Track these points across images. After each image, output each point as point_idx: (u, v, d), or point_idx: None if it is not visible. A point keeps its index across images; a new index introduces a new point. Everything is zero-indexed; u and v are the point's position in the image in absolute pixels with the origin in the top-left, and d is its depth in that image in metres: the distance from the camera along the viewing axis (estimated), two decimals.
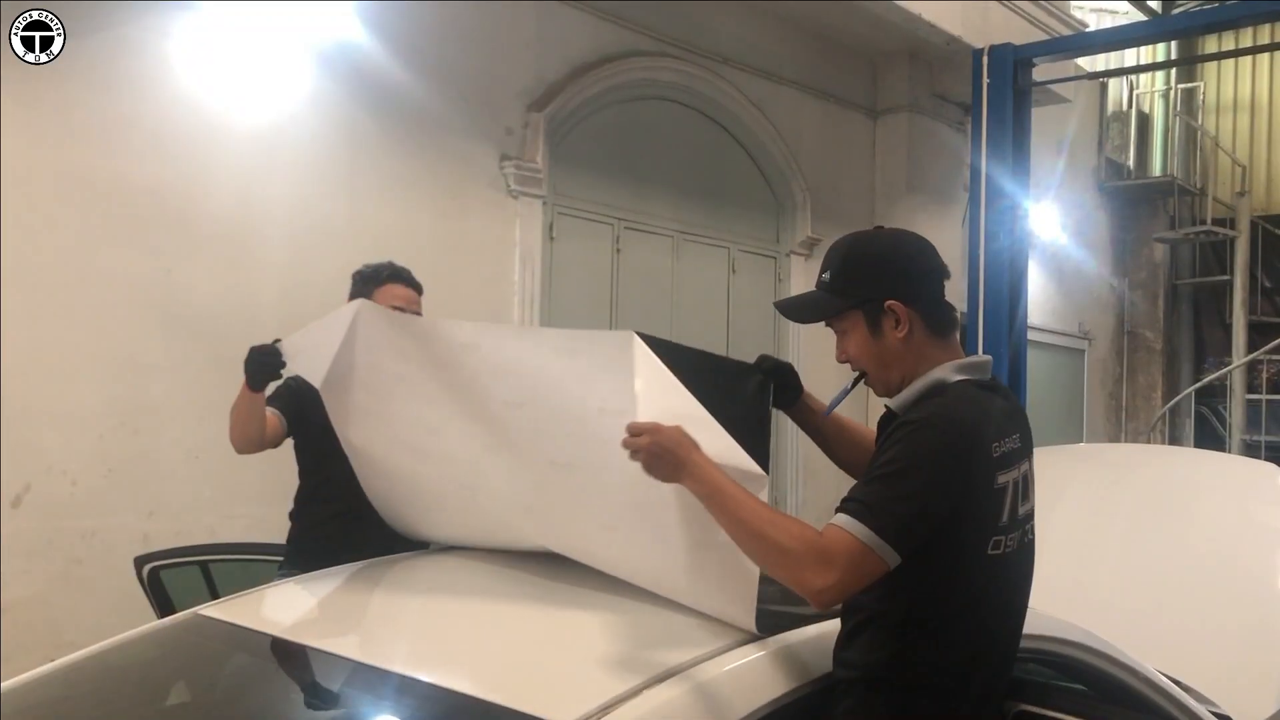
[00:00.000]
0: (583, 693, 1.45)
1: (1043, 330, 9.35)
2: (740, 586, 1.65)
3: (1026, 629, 1.75)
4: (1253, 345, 10.96)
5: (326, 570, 2.24)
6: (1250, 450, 10.39)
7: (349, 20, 4.56)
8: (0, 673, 1.96)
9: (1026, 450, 1.70)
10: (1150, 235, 11.42)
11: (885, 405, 1.74)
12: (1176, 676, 2.29)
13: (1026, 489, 1.69)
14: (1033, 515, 1.72)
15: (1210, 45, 11.06)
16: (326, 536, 2.84)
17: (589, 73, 5.60)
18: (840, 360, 1.80)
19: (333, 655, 1.77)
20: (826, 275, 1.77)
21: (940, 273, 1.76)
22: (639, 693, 1.45)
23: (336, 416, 2.43)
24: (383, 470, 2.42)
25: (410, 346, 2.18)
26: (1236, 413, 11.11)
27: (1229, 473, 3.66)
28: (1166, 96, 11.73)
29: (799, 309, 1.87)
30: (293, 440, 2.95)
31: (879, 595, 1.59)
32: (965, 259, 5.40)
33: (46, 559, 3.78)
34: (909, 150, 7.45)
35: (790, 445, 6.56)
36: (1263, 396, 11.25)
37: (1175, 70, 11.73)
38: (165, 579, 3.07)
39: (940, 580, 1.59)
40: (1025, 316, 5.57)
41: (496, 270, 5.21)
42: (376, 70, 4.68)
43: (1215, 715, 2.28)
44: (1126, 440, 11.03)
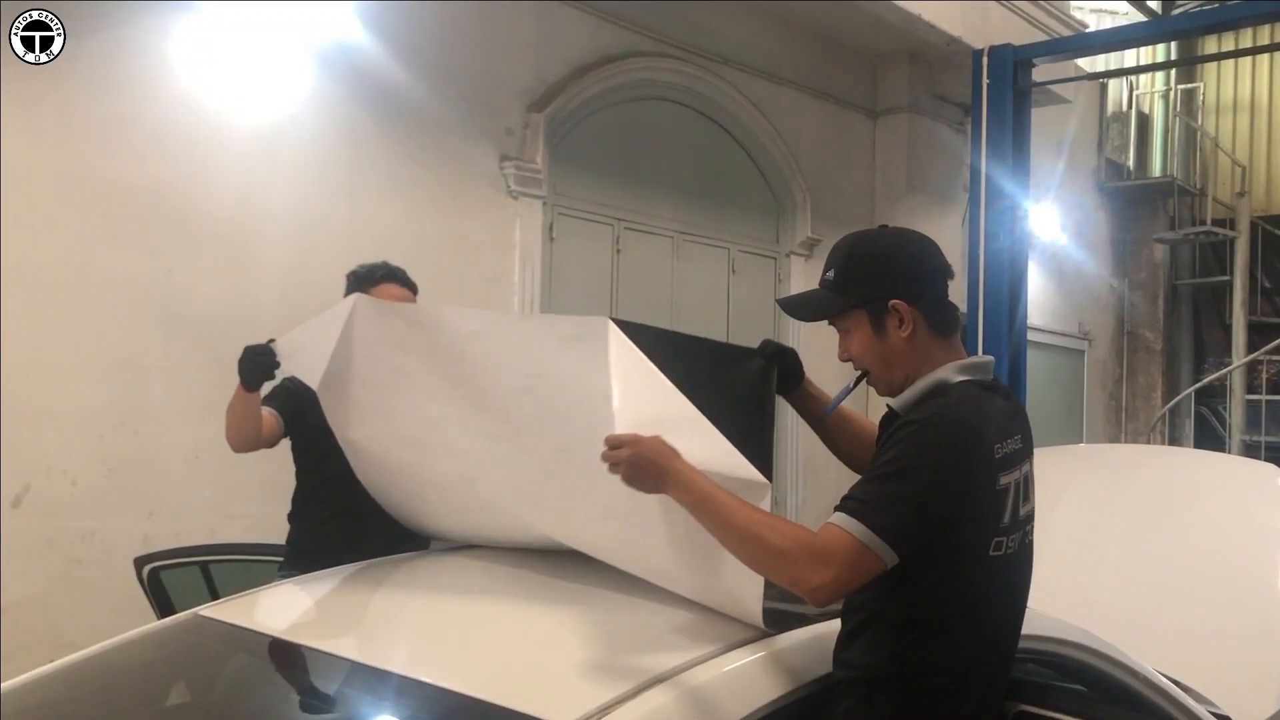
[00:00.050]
0: (582, 693, 1.45)
1: (1043, 331, 9.35)
2: (747, 582, 1.64)
3: (1026, 629, 1.75)
4: (1252, 346, 10.96)
5: (326, 571, 2.24)
6: (1250, 451, 10.39)
7: (349, 20, 4.56)
8: (0, 673, 1.96)
9: (1027, 451, 1.70)
10: (1150, 236, 11.43)
11: (887, 405, 1.73)
12: (1176, 677, 2.29)
13: (1027, 490, 1.69)
14: (1033, 516, 1.72)
15: (1210, 46, 11.06)
16: (326, 537, 2.84)
17: (589, 73, 5.61)
18: (842, 359, 1.79)
19: (332, 656, 1.77)
20: (831, 274, 1.76)
21: (944, 272, 1.76)
22: (639, 693, 1.45)
23: (335, 415, 2.41)
24: (384, 466, 2.41)
25: (408, 337, 2.16)
26: (1236, 413, 11.11)
27: (1229, 473, 3.66)
28: (1166, 97, 11.73)
29: (803, 307, 1.86)
30: (290, 441, 2.95)
31: (879, 595, 1.59)
32: (965, 259, 5.39)
33: (46, 559, 3.78)
34: (909, 151, 7.45)
35: (790, 445, 6.56)
36: (1262, 397, 11.25)
37: (1175, 71, 11.73)
38: (165, 579, 3.07)
39: (941, 581, 1.58)
40: (1025, 317, 5.56)
41: (496, 270, 5.21)
42: (376, 70, 4.68)
43: (1215, 715, 2.28)
44: (1126, 441, 11.03)
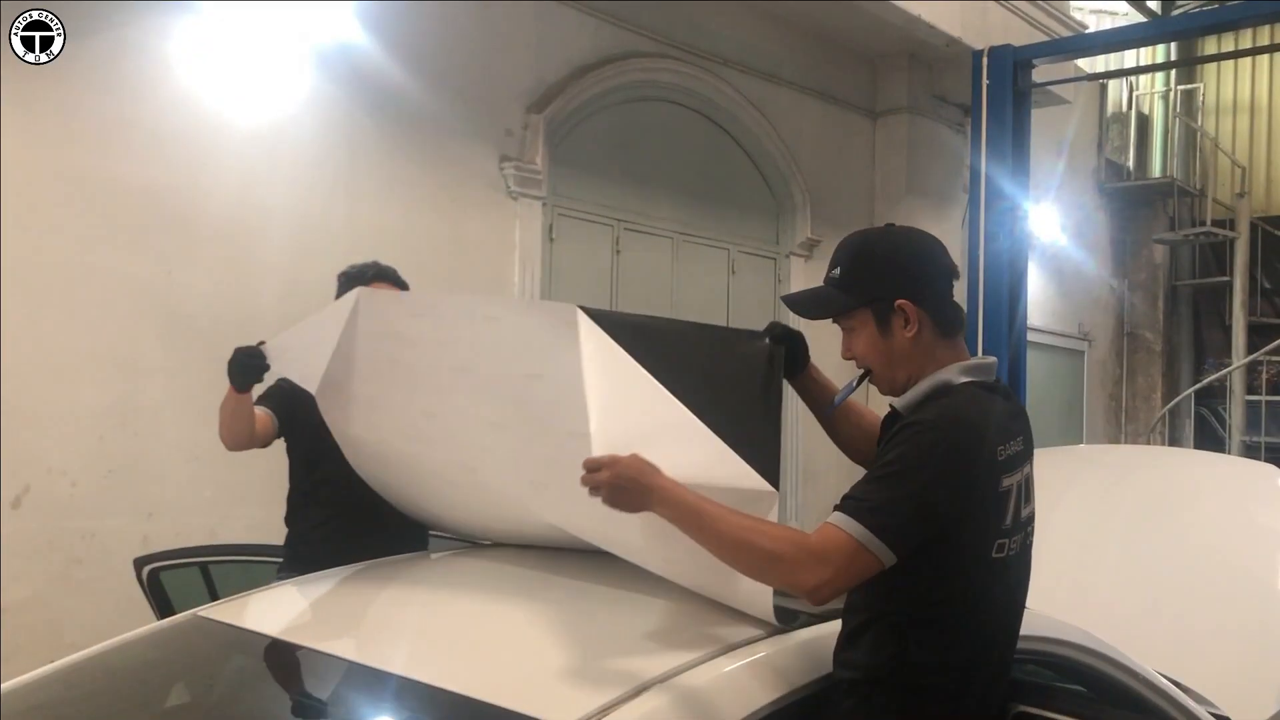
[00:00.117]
0: (581, 694, 1.45)
1: (1042, 331, 9.35)
2: None
3: (1027, 630, 1.75)
4: (1252, 346, 10.95)
5: (325, 572, 2.23)
6: (1250, 451, 10.39)
7: (348, 21, 4.56)
8: (0, 674, 1.96)
9: (1029, 453, 1.70)
10: (1150, 236, 11.43)
11: (890, 405, 1.73)
12: (1176, 677, 2.29)
13: (1028, 491, 1.69)
14: (1034, 517, 1.72)
15: (1210, 46, 11.05)
16: (322, 540, 2.82)
17: (589, 74, 5.61)
18: (845, 357, 1.79)
19: (332, 657, 1.77)
20: (836, 272, 1.75)
21: (950, 272, 1.75)
22: (638, 694, 1.44)
23: (335, 413, 2.38)
24: (388, 461, 2.38)
25: (410, 327, 2.13)
26: (1236, 414, 11.10)
27: (1228, 474, 3.66)
28: (1166, 98, 11.73)
29: (808, 305, 1.84)
30: (284, 442, 2.95)
31: (880, 596, 1.59)
32: (965, 260, 5.39)
33: (46, 560, 3.78)
34: (908, 151, 7.45)
35: (790, 446, 6.54)
36: (1262, 398, 11.25)
37: (1175, 71, 11.73)
38: (165, 580, 3.07)
39: (943, 582, 1.58)
40: (1025, 318, 5.56)
41: (496, 271, 5.21)
42: (376, 72, 4.68)
43: (1214, 716, 2.28)
44: (1126, 441, 11.02)
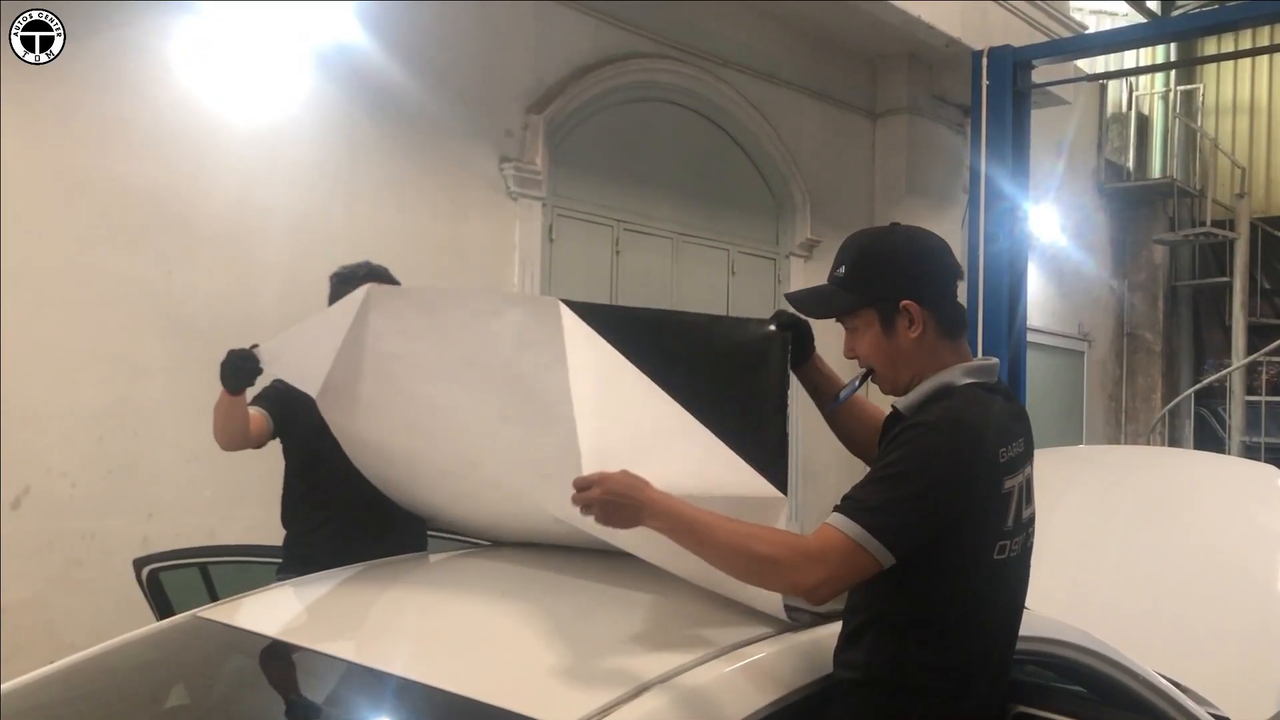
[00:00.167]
0: (582, 694, 1.45)
1: (1042, 332, 9.35)
2: None
3: (1027, 631, 1.75)
4: (1252, 347, 10.96)
5: (325, 572, 2.23)
6: (1250, 452, 10.39)
7: (348, 22, 4.56)
8: (0, 674, 1.96)
9: (1030, 454, 1.70)
10: (1150, 237, 11.43)
11: (893, 406, 1.73)
12: (1176, 678, 2.29)
13: (1029, 492, 1.69)
14: (1034, 518, 1.72)
15: (1209, 47, 11.05)
16: (319, 542, 2.82)
17: (588, 75, 5.61)
18: (848, 356, 1.78)
19: (331, 658, 1.77)
20: (841, 271, 1.73)
21: (954, 273, 1.75)
22: (638, 694, 1.44)
23: (339, 414, 2.34)
24: (394, 459, 2.36)
25: (417, 323, 2.11)
26: (1236, 414, 11.11)
27: (1228, 475, 3.66)
28: (1166, 98, 11.73)
29: (811, 303, 1.84)
30: (280, 443, 2.94)
31: (881, 597, 1.59)
32: (965, 261, 5.39)
33: (46, 561, 3.78)
34: (908, 152, 7.45)
35: (790, 447, 6.54)
36: (1262, 398, 11.25)
37: (1175, 72, 11.73)
38: (164, 581, 3.06)
39: (944, 583, 1.58)
40: (1025, 318, 5.57)
41: (496, 272, 5.21)
42: (376, 72, 4.68)
43: (1214, 717, 2.28)
44: (1126, 442, 11.02)
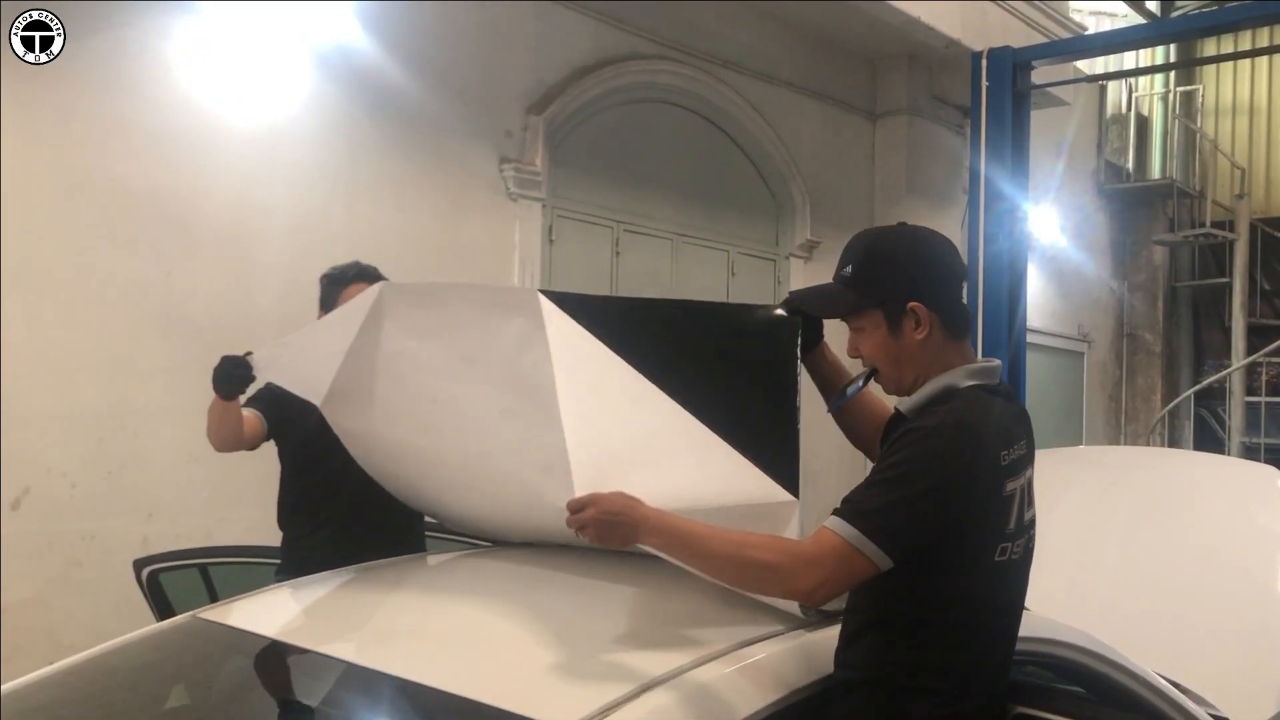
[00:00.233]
0: (581, 695, 1.45)
1: (1042, 333, 9.35)
2: None
3: (1027, 631, 1.75)
4: (1252, 348, 10.96)
5: (324, 573, 2.23)
6: (1249, 453, 10.39)
7: (348, 23, 4.56)
8: (0, 675, 1.96)
9: (1031, 456, 1.70)
10: (1149, 238, 11.43)
11: (895, 408, 1.73)
12: (1175, 678, 2.29)
13: (1031, 494, 1.69)
14: (1035, 520, 1.72)
15: (1209, 48, 11.05)
16: (315, 547, 2.80)
17: (588, 75, 5.61)
18: (852, 355, 1.78)
19: (331, 658, 1.76)
20: (848, 270, 1.72)
21: (960, 274, 1.75)
22: (639, 695, 1.44)
23: (351, 417, 2.30)
24: (402, 457, 2.34)
25: (425, 316, 2.09)
26: (1236, 415, 11.11)
27: (1228, 475, 3.66)
28: (1165, 99, 11.73)
29: (817, 302, 1.83)
30: (276, 445, 2.92)
31: (882, 597, 1.59)
32: (965, 262, 5.40)
33: (46, 561, 3.78)
34: (908, 153, 7.45)
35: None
36: (1262, 399, 11.25)
37: (1174, 73, 11.73)
38: (164, 582, 3.06)
39: (945, 585, 1.58)
40: (1024, 319, 5.57)
41: (496, 273, 5.21)
42: (376, 73, 4.68)
43: (1214, 718, 2.28)
44: (1126, 443, 11.02)
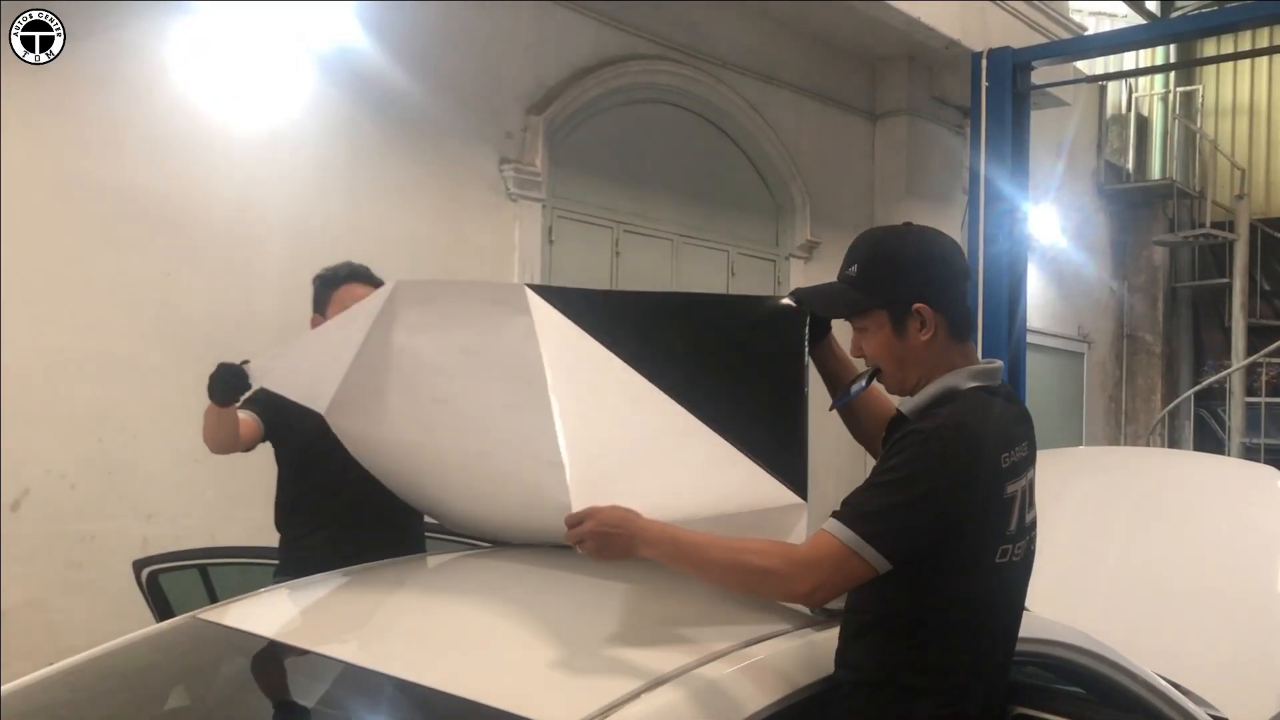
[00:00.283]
0: (582, 695, 1.44)
1: (1042, 333, 9.34)
2: None
3: (1027, 632, 1.75)
4: (1252, 348, 10.95)
5: (324, 574, 2.22)
6: (1250, 453, 10.39)
7: (348, 23, 4.56)
8: (0, 676, 1.96)
9: (1033, 458, 1.70)
10: (1149, 238, 11.43)
11: (897, 409, 1.73)
12: (1175, 679, 2.29)
13: (1032, 496, 1.69)
14: (1036, 522, 1.72)
15: (1209, 48, 11.05)
16: (313, 549, 2.78)
17: (588, 76, 5.61)
18: (855, 355, 1.78)
19: (331, 659, 1.76)
20: (853, 270, 1.72)
21: (965, 275, 1.75)
22: (639, 695, 1.44)
23: (358, 421, 2.28)
24: (406, 458, 2.32)
25: (430, 313, 2.07)
26: (1236, 416, 11.10)
27: (1228, 476, 3.66)
28: (1165, 100, 11.73)
29: (822, 301, 1.83)
30: (273, 447, 2.91)
31: (883, 598, 1.60)
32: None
33: (46, 562, 3.78)
34: (908, 153, 7.45)
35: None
36: (1262, 400, 11.24)
37: (1174, 73, 11.73)
38: (164, 583, 3.06)
39: (946, 586, 1.59)
40: (1024, 319, 5.58)
41: (496, 273, 5.21)
42: (376, 74, 4.68)
43: (1214, 718, 2.28)
44: (1126, 443, 11.02)
